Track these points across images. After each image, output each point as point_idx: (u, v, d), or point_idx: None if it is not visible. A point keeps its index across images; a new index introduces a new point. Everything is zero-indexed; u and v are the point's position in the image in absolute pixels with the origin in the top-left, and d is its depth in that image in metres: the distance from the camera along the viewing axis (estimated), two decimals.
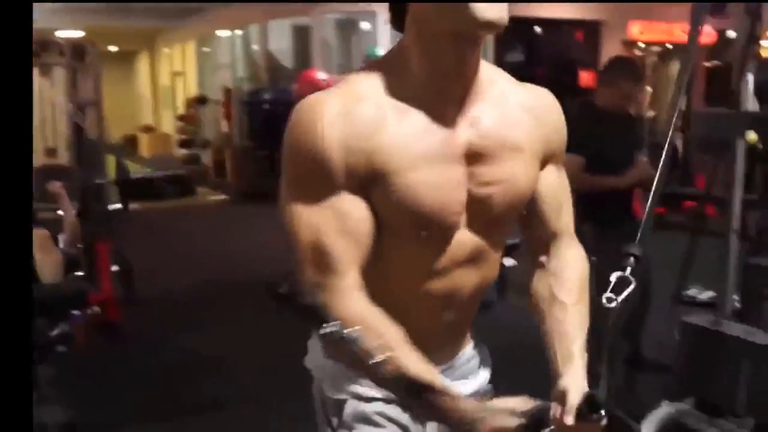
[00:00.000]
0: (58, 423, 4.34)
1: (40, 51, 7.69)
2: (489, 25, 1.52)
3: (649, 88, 16.58)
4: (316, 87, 8.55)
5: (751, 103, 3.42)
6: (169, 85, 24.97)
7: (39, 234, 5.31)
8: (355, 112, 1.56)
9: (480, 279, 1.79)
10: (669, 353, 4.01)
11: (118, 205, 6.89)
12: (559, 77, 14.62)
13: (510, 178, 1.69)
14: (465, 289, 1.78)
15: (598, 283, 1.89)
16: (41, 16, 16.97)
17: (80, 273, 5.90)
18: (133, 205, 11.72)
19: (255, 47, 17.96)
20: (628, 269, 1.83)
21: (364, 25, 15.04)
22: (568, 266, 1.84)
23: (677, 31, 13.60)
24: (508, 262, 6.67)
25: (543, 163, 1.79)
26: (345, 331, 1.44)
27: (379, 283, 1.65)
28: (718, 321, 3.37)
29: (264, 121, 15.01)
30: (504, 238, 1.82)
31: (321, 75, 8.53)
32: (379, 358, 1.46)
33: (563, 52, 15.87)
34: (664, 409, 3.56)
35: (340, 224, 1.58)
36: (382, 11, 13.64)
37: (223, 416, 4.82)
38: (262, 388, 5.20)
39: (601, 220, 4.27)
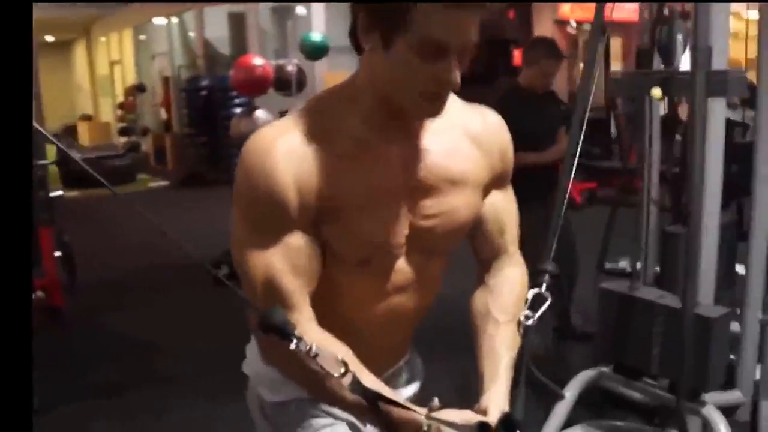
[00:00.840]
0: None
1: None
2: (420, 118, 1.66)
3: (581, 65, 16.82)
4: (252, 73, 8.60)
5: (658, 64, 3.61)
6: (107, 74, 24.73)
7: None
8: (307, 153, 1.61)
9: (419, 301, 1.86)
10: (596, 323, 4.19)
11: (59, 192, 6.94)
12: (493, 56, 14.82)
13: (451, 210, 1.75)
14: (404, 312, 1.84)
15: (527, 253, 1.98)
16: None
17: None
18: (73, 192, 11.72)
19: (191, 35, 17.89)
20: (544, 286, 1.85)
21: (300, 11, 15.07)
22: (506, 285, 1.90)
23: (607, 10, 13.82)
24: None
25: (487, 189, 1.84)
26: (309, 347, 1.50)
27: (325, 305, 1.71)
28: (633, 286, 3.50)
29: (202, 108, 15.04)
30: (444, 263, 1.88)
31: (257, 61, 8.59)
32: (337, 373, 1.52)
33: (496, 32, 16.05)
34: (586, 374, 3.68)
35: (292, 261, 1.63)
36: None
37: (160, 393, 4.99)
38: (200, 366, 5.37)
39: (527, 195, 4.40)
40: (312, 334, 1.59)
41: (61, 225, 6.99)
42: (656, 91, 3.28)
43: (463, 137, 1.77)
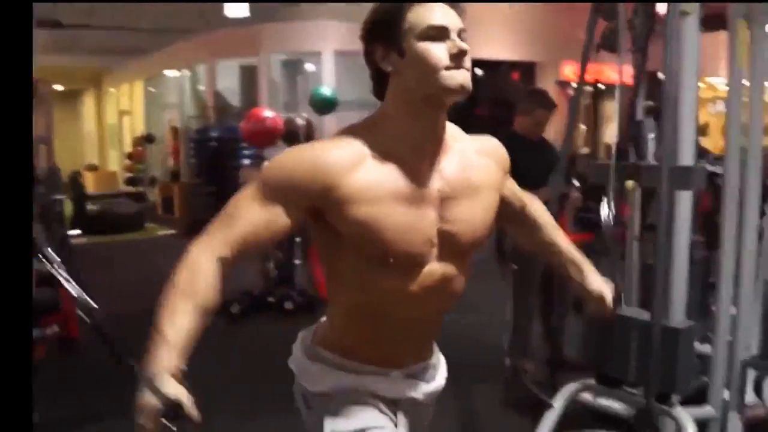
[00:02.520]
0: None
1: None
2: (456, 91, 1.94)
3: (583, 126, 17.35)
4: (262, 124, 8.91)
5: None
6: (115, 123, 25.19)
7: None
8: (332, 154, 1.95)
9: (446, 301, 2.18)
10: None
11: (78, 231, 7.26)
12: (498, 115, 15.26)
13: (473, 215, 2.11)
14: (434, 309, 2.17)
15: (521, 284, 2.53)
16: None
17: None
18: (82, 239, 12.08)
19: (202, 87, 18.32)
20: None
21: (309, 66, 15.54)
22: (542, 212, 2.57)
23: (607, 72, 14.33)
24: None
25: (503, 184, 2.29)
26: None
27: (372, 306, 2.08)
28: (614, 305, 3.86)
29: (211, 158, 15.30)
30: (466, 271, 2.21)
31: (267, 113, 8.88)
32: (162, 300, 1.90)
33: (501, 92, 16.54)
34: (572, 386, 4.04)
35: (255, 219, 1.96)
36: (328, 52, 14.08)
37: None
38: (199, 390, 5.73)
39: None
40: (197, 260, 1.95)
41: (77, 264, 7.32)
42: (629, 183, 3.73)
43: (474, 154, 2.17)
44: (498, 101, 15.98)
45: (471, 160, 2.15)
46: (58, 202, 6.94)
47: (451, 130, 2.15)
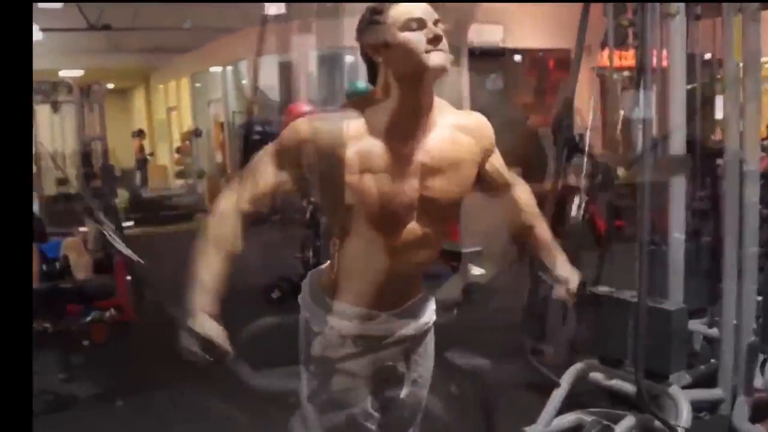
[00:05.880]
0: (89, 394, 5.44)
1: (51, 90, 8.47)
2: (434, 70, 2.30)
3: (621, 111, 17.33)
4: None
5: None
6: (164, 119, 25.59)
7: (74, 240, 6.27)
8: (335, 125, 2.33)
9: (425, 256, 2.54)
10: None
11: (131, 223, 7.60)
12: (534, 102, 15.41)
13: (450, 185, 2.45)
14: (414, 261, 2.52)
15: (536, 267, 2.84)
16: (43, 57, 17.66)
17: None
18: (135, 230, 12.47)
19: (244, 82, 18.65)
20: None
21: (348, 59, 15.81)
22: (526, 197, 2.77)
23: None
24: (477, 271, 7.44)
25: (483, 161, 2.56)
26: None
27: (363, 255, 2.44)
28: (612, 289, 4.12)
29: (255, 151, 15.62)
30: (443, 229, 2.58)
31: (306, 107, 9.21)
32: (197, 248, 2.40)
33: (537, 80, 16.65)
34: (577, 366, 4.31)
35: (264, 177, 2.40)
36: None
37: (211, 390, 5.67)
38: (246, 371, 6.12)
39: None
40: (224, 209, 2.45)
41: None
42: (623, 172, 3.98)
43: (458, 131, 2.48)
44: (535, 90, 16.10)
45: (454, 137, 2.47)
46: (112, 196, 7.33)
47: (441, 106, 2.48)
